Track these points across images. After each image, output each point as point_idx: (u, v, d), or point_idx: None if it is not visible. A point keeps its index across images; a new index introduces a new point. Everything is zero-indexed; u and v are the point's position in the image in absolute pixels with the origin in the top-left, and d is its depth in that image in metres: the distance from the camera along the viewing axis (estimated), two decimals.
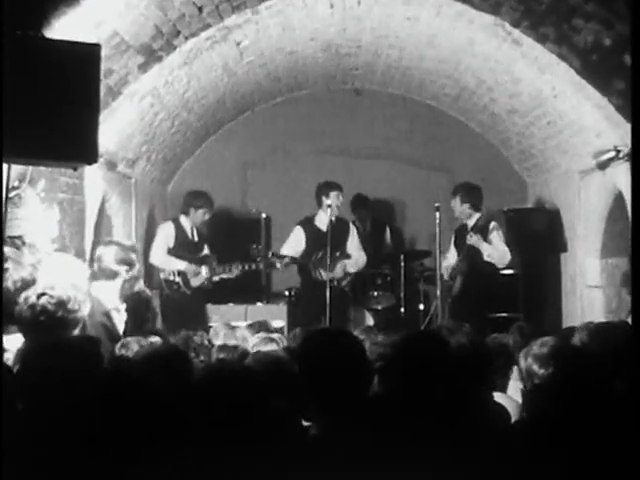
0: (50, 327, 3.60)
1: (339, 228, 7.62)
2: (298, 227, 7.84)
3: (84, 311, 3.78)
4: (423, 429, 2.68)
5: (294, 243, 7.79)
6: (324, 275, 7.51)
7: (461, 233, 7.63)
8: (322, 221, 7.71)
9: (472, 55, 7.25)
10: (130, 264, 4.66)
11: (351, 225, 8.00)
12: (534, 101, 7.48)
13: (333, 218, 7.57)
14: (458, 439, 2.67)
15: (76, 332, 3.73)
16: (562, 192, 8.29)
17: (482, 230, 7.41)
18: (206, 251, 7.80)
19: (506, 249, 7.46)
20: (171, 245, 7.61)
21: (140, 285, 5.12)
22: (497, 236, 7.47)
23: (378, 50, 7.88)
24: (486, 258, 7.37)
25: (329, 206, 7.55)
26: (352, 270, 7.82)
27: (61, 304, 3.64)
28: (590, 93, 6.30)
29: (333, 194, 7.63)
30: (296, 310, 7.81)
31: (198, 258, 7.65)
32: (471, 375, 3.47)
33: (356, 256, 7.84)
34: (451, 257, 7.67)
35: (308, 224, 7.80)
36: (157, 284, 7.60)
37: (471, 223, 7.53)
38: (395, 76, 8.76)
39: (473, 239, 7.33)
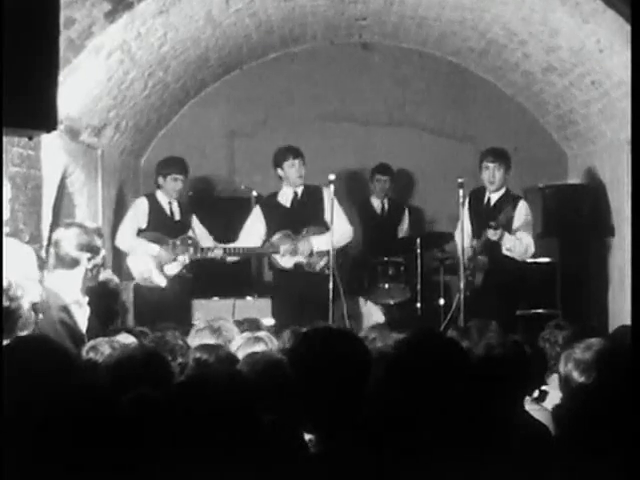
0: None
1: (307, 200, 7.27)
2: (256, 207, 7.65)
3: (29, 300, 3.75)
4: (439, 448, 2.67)
5: (251, 229, 7.53)
6: (280, 261, 7.37)
7: (478, 202, 7.43)
8: (285, 196, 7.52)
9: (501, 2, 7.23)
10: (93, 250, 4.64)
11: (325, 192, 7.35)
12: (575, 57, 7.47)
13: (298, 190, 7.37)
14: (483, 461, 2.66)
15: (22, 329, 3.71)
16: (608, 165, 8.28)
17: (509, 215, 7.19)
18: (191, 232, 7.70)
19: (531, 241, 7.20)
20: (143, 226, 7.52)
21: (107, 274, 5.11)
22: (526, 225, 7.29)
23: None
24: (504, 251, 7.17)
25: (286, 178, 7.36)
26: (325, 247, 7.20)
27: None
28: None
29: (287, 164, 7.36)
30: (273, 305, 7.56)
31: (175, 241, 7.54)
32: (501, 382, 3.45)
33: (336, 229, 7.14)
34: (465, 233, 7.22)
35: (269, 202, 7.58)
36: (127, 273, 7.58)
37: (495, 197, 7.36)
38: (410, 28, 8.74)
39: (497, 235, 7.06)
